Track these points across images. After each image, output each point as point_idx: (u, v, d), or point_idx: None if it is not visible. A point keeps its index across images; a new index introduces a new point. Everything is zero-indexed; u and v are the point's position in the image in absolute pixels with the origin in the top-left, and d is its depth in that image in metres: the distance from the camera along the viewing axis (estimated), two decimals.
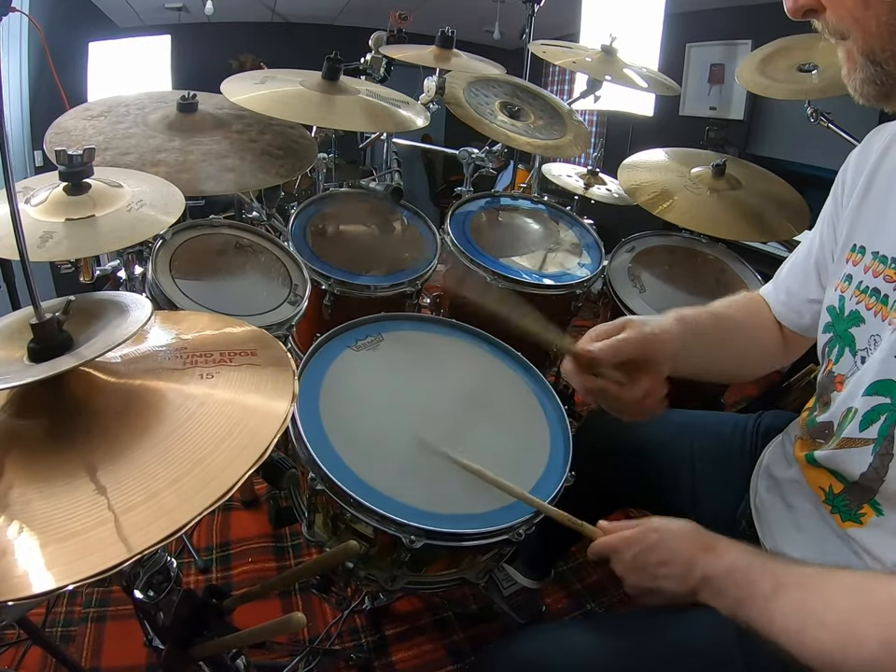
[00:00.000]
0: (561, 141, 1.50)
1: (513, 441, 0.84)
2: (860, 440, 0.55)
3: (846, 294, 0.61)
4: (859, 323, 0.59)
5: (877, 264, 0.57)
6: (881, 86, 0.46)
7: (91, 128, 1.10)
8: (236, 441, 0.42)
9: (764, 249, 1.98)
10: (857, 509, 0.56)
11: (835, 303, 0.62)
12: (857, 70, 0.47)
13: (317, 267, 1.21)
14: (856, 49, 0.46)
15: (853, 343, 0.59)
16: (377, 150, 2.19)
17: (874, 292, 0.57)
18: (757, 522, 0.69)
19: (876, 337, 0.56)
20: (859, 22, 0.44)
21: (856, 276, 0.60)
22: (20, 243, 0.50)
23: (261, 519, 1.41)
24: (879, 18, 0.43)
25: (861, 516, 0.55)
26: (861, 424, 0.54)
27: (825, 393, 0.64)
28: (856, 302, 0.59)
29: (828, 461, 0.59)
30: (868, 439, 0.54)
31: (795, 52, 1.36)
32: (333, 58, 1.25)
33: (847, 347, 0.60)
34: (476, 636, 1.18)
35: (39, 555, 0.36)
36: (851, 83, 0.49)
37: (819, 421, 0.62)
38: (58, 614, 1.15)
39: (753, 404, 1.72)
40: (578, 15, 3.55)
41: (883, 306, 0.56)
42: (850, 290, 0.61)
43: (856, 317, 0.59)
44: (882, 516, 0.54)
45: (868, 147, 0.65)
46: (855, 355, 0.59)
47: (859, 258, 0.61)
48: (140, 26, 3.71)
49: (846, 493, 0.57)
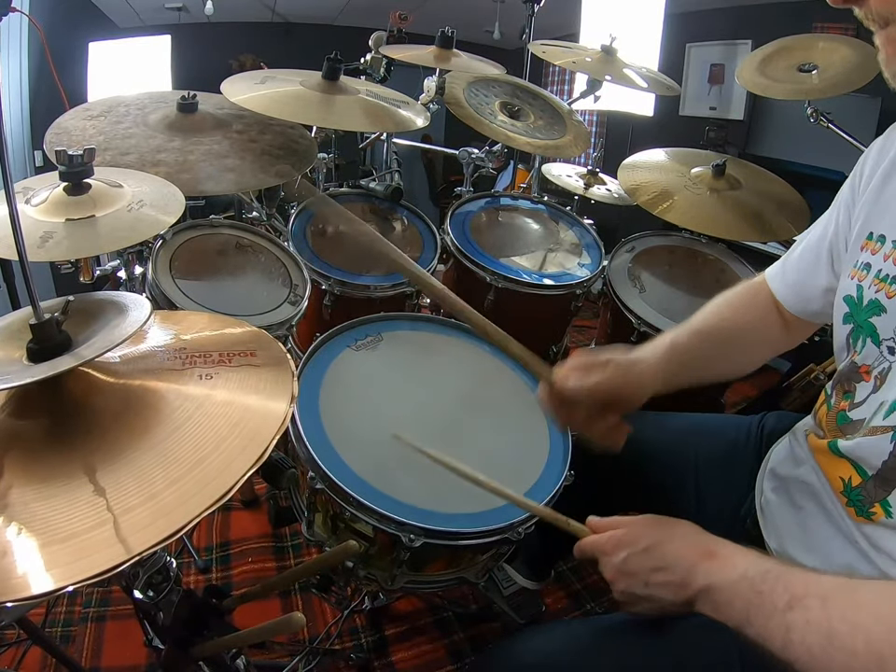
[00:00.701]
0: (561, 141, 1.50)
1: (513, 441, 0.85)
2: (881, 427, 0.54)
3: (864, 283, 0.60)
4: (879, 312, 0.57)
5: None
6: None
7: (91, 128, 1.10)
8: (235, 441, 0.42)
9: (764, 249, 1.98)
10: (869, 506, 0.55)
11: (853, 293, 0.61)
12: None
13: (317, 267, 1.22)
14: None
15: (875, 332, 0.58)
16: (377, 150, 2.19)
17: (894, 280, 0.56)
18: (762, 522, 0.69)
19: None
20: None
21: (875, 265, 0.59)
22: (18, 243, 0.50)
23: (261, 519, 1.41)
24: None
25: (872, 514, 0.55)
26: (886, 412, 0.54)
27: (847, 382, 0.62)
28: (875, 291, 0.58)
29: (852, 451, 0.58)
30: (889, 426, 0.53)
31: (795, 52, 1.36)
32: (333, 58, 1.25)
33: (868, 337, 0.59)
34: (476, 636, 1.18)
35: (39, 556, 0.36)
36: (891, 70, 0.48)
37: (854, 419, 0.61)
38: (58, 614, 1.15)
39: (753, 404, 1.72)
40: (578, 15, 3.55)
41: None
42: (869, 279, 0.59)
43: (876, 306, 0.58)
44: (891, 518, 0.53)
45: (890, 138, 0.64)
46: (880, 345, 0.57)
47: (878, 246, 0.60)
48: (140, 26, 3.71)
49: (862, 487, 0.56)
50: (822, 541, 0.60)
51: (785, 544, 0.65)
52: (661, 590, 0.53)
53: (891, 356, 0.56)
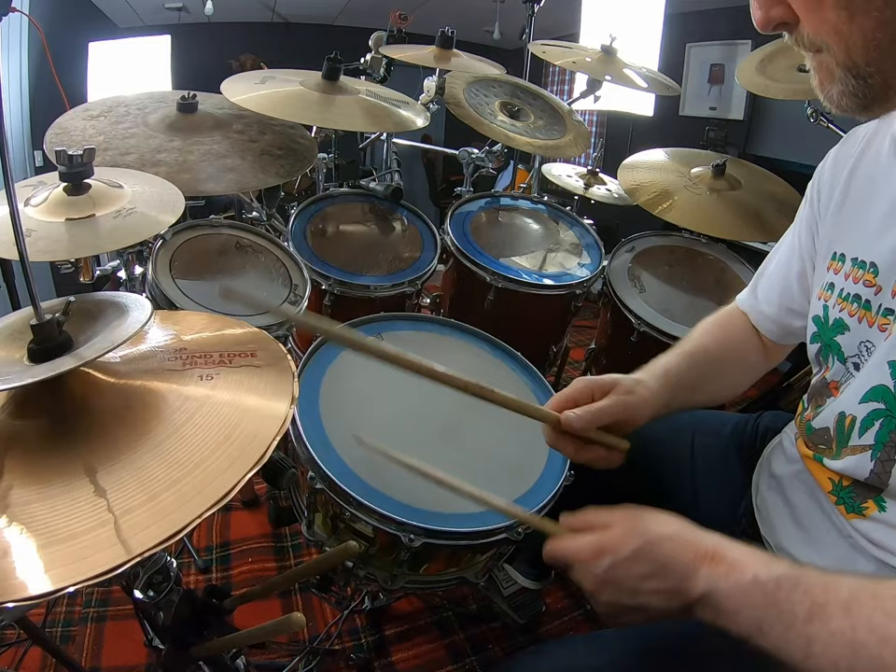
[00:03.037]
0: (561, 141, 1.50)
1: (513, 441, 0.85)
2: (858, 446, 0.55)
3: (829, 303, 0.61)
4: (843, 331, 0.59)
5: (856, 270, 0.57)
6: (862, 99, 0.45)
7: (92, 128, 1.10)
8: (236, 442, 0.42)
9: (764, 249, 1.96)
10: (861, 503, 0.56)
11: (820, 313, 0.63)
12: (834, 83, 0.46)
13: (317, 267, 1.21)
14: (835, 62, 0.44)
15: (840, 350, 0.59)
16: (377, 150, 2.19)
17: (855, 298, 0.57)
18: (758, 519, 0.70)
19: (867, 343, 0.56)
20: (842, 36, 0.42)
21: (837, 284, 0.60)
22: (19, 243, 0.50)
23: (261, 519, 1.41)
24: (865, 32, 0.41)
25: (865, 510, 0.55)
26: (859, 430, 0.55)
27: (819, 396, 0.64)
28: (839, 311, 0.59)
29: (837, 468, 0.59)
30: (866, 445, 0.54)
31: (795, 52, 1.36)
32: (333, 58, 1.25)
33: (835, 355, 0.60)
34: (476, 636, 1.17)
35: (39, 557, 0.36)
36: (826, 95, 0.47)
37: (817, 428, 0.62)
38: (58, 614, 1.15)
39: (753, 404, 1.72)
40: (578, 15, 3.55)
41: (866, 311, 0.56)
42: (833, 299, 0.61)
43: (840, 325, 0.59)
44: (884, 512, 0.54)
45: (842, 151, 0.65)
46: (845, 362, 0.59)
47: (839, 265, 0.61)
48: (140, 26, 3.72)
49: (853, 486, 0.57)
50: (817, 536, 0.61)
51: (781, 540, 0.65)
52: (653, 598, 0.48)
53: (856, 371, 0.57)
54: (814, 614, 0.41)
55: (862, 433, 0.54)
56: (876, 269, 0.55)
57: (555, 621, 1.22)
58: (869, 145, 0.61)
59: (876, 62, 0.42)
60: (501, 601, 1.12)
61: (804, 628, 0.41)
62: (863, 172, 0.61)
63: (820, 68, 0.47)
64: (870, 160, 0.60)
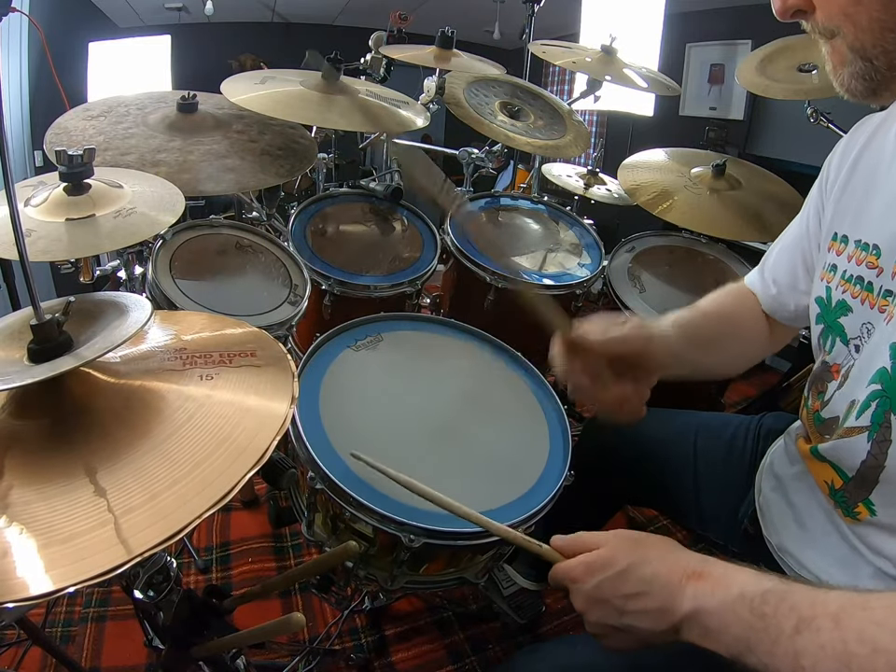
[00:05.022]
0: (561, 141, 1.50)
1: (513, 441, 0.85)
2: (855, 428, 0.55)
3: (832, 284, 0.61)
4: (846, 312, 0.59)
5: (859, 252, 0.58)
6: (870, 81, 0.47)
7: (92, 128, 1.10)
8: (236, 443, 0.42)
9: (764, 249, 1.97)
10: (853, 506, 0.56)
11: (823, 294, 0.63)
12: (845, 66, 0.48)
13: (317, 267, 1.21)
14: (845, 44, 0.47)
15: (843, 332, 0.59)
16: (377, 150, 2.19)
17: (857, 280, 0.57)
18: (761, 520, 0.70)
19: (868, 325, 0.56)
20: (850, 18, 0.45)
21: (840, 266, 0.61)
22: (19, 243, 0.50)
23: (261, 519, 1.41)
24: (871, 13, 0.44)
25: (857, 514, 0.56)
26: (857, 412, 0.55)
27: (820, 382, 0.64)
28: (842, 292, 0.59)
29: (830, 453, 0.59)
30: (863, 427, 0.53)
31: (795, 52, 1.36)
32: (333, 58, 1.25)
33: (837, 337, 0.60)
34: (476, 636, 1.17)
35: (39, 557, 0.36)
36: (838, 79, 0.49)
37: (827, 418, 0.62)
38: (58, 614, 1.15)
39: (753, 404, 1.72)
40: (578, 15, 3.56)
41: (868, 293, 0.56)
42: (836, 280, 0.61)
43: (843, 307, 0.59)
44: (875, 516, 0.54)
45: (853, 138, 0.65)
46: (847, 344, 0.59)
47: (842, 247, 0.61)
48: (140, 26, 3.72)
49: (844, 489, 0.57)
50: (820, 537, 0.61)
51: (784, 541, 0.65)
52: (639, 618, 0.47)
53: (857, 353, 0.57)
54: (801, 628, 0.39)
55: (859, 415, 0.54)
56: (879, 251, 0.55)
57: (555, 621, 1.21)
58: (876, 132, 0.61)
59: (882, 43, 0.45)
60: (501, 601, 1.12)
61: (791, 643, 0.39)
62: (869, 156, 0.61)
63: (834, 53, 0.49)
64: (877, 144, 0.61)
